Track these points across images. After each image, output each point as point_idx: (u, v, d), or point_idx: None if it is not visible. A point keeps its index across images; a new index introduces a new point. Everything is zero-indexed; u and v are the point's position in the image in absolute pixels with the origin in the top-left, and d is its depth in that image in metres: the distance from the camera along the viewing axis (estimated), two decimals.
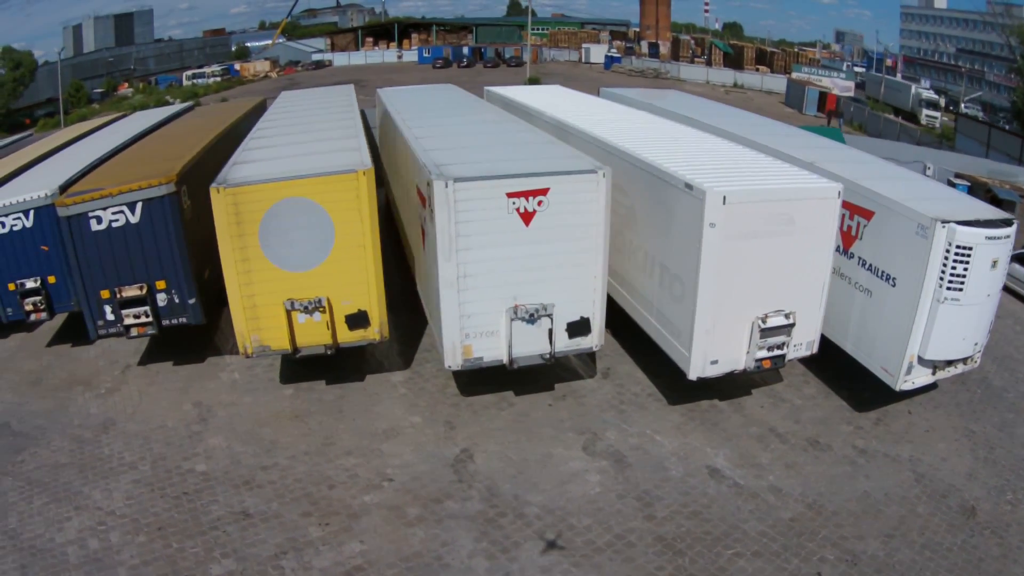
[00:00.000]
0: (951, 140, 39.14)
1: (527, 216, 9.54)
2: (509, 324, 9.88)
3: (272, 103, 17.47)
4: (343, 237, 10.13)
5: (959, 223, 9.29)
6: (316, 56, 76.42)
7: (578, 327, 10.10)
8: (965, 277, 9.39)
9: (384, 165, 17.18)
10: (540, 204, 9.50)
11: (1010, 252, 9.76)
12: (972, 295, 9.51)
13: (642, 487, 9.59)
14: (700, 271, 9.32)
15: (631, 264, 10.80)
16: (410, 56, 77.26)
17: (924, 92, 52.39)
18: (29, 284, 12.36)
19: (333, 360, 11.42)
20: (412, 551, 8.76)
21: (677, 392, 11.16)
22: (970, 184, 19.41)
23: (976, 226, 9.34)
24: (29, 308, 12.44)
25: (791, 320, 9.78)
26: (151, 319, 11.49)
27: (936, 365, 9.99)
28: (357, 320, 10.48)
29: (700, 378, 9.85)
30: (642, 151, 10.76)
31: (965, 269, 9.36)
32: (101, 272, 11.35)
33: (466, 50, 74.35)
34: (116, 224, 11.16)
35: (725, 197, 9.06)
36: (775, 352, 9.91)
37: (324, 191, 9.95)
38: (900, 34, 74.57)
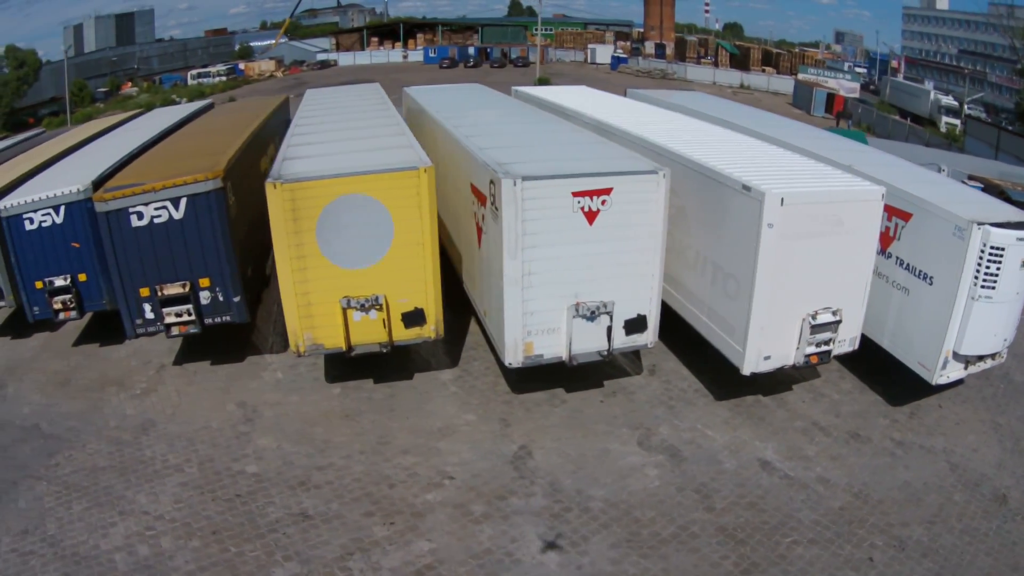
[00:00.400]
0: (958, 142, 38.84)
1: (591, 215, 9.72)
2: (570, 321, 10.03)
3: (300, 101, 17.22)
4: (402, 234, 10.11)
5: (993, 225, 9.84)
6: (321, 56, 75.69)
7: (635, 324, 10.32)
8: (998, 276, 9.91)
9: None
10: (603, 203, 9.70)
11: None
12: (1003, 293, 10.04)
13: (699, 480, 9.84)
14: (757, 270, 9.64)
15: (680, 262, 11.08)
16: (415, 56, 76.67)
17: (944, 99, 49.96)
18: (58, 282, 11.93)
19: (379, 359, 11.38)
20: (482, 548, 8.78)
21: (722, 388, 11.47)
22: (983, 186, 19.28)
23: (1008, 228, 9.88)
24: (58, 307, 12.00)
25: (838, 317, 10.19)
26: (193, 318, 11.23)
27: (968, 360, 10.52)
28: (413, 318, 10.47)
29: (753, 373, 10.18)
30: (692, 152, 11.04)
31: (998, 268, 9.88)
32: (141, 269, 11.05)
33: (472, 50, 74.02)
34: (158, 220, 10.90)
35: (783, 199, 9.41)
36: (822, 348, 10.30)
37: (385, 188, 9.92)
38: (902, 35, 73.11)
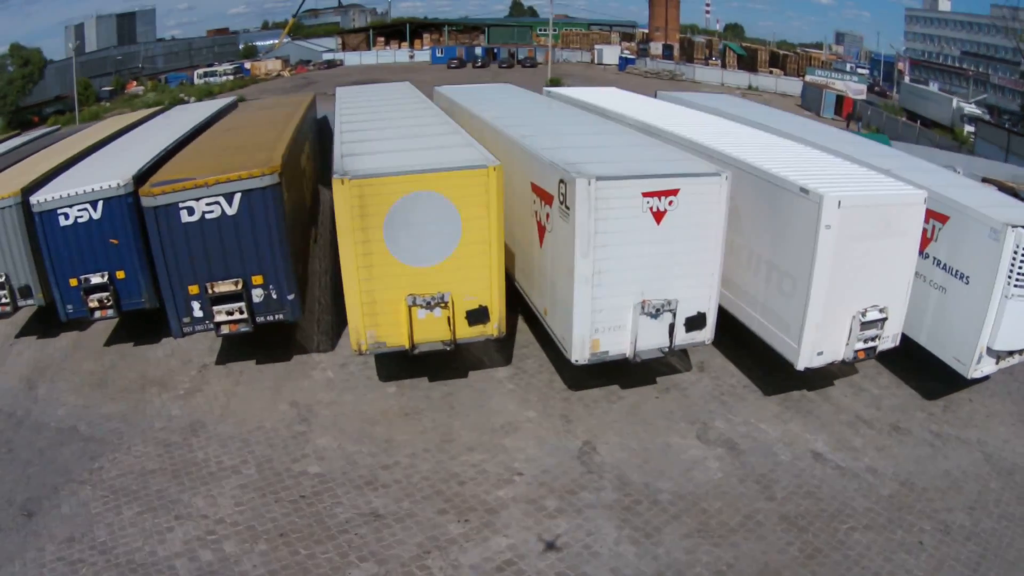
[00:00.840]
0: (968, 145, 38.85)
1: (658, 215, 9.95)
2: (636, 319, 10.24)
3: (335, 99, 16.99)
4: (469, 232, 10.15)
5: None
6: (327, 55, 75.06)
7: (695, 322, 10.59)
8: None
9: None
10: (671, 204, 9.94)
11: None
12: None
13: (758, 471, 10.17)
14: (814, 269, 10.02)
15: (732, 261, 11.40)
16: (422, 56, 75.94)
17: (967, 107, 48.15)
18: (95, 280, 11.51)
19: (432, 357, 11.37)
20: (560, 542, 8.89)
21: (768, 383, 11.86)
22: (997, 188, 19.39)
23: None
24: (94, 305, 11.59)
25: (884, 315, 10.68)
26: (245, 316, 10.99)
27: (999, 355, 11.16)
28: (477, 316, 10.51)
29: (807, 368, 10.58)
30: (746, 156, 11.39)
31: None
32: (190, 266, 10.78)
33: (479, 51, 73.67)
34: (210, 215, 10.64)
35: (840, 201, 9.83)
36: (869, 344, 10.77)
37: (454, 185, 9.96)
38: (905, 36, 72.71)
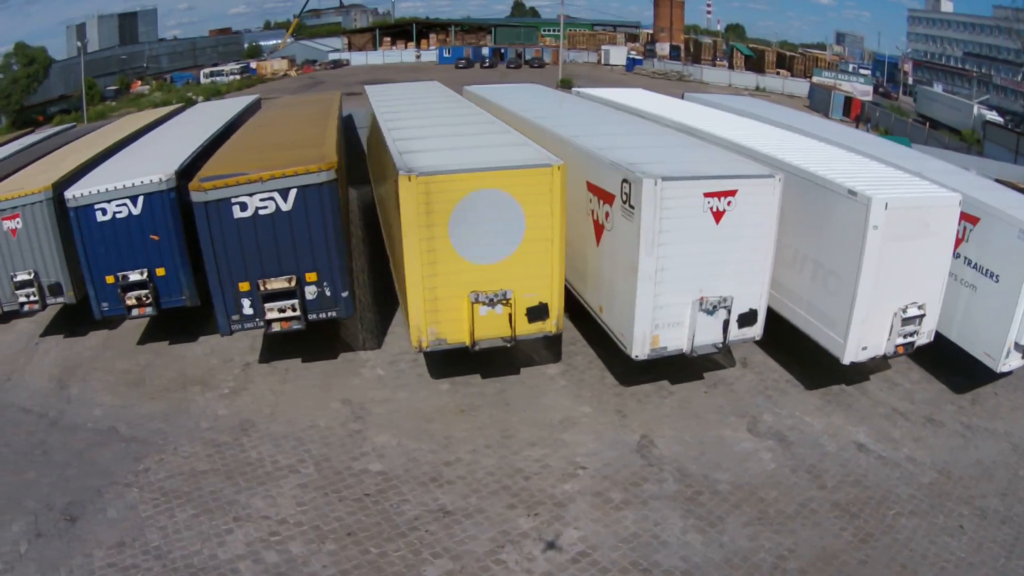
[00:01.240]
0: (978, 147, 39.02)
1: (718, 215, 10.21)
2: (694, 315, 10.47)
3: (368, 98, 16.78)
4: (532, 230, 10.22)
5: None
6: (333, 55, 74.34)
7: (747, 318, 10.89)
8: None
9: None
10: (729, 204, 10.21)
11: None
12: None
13: (808, 461, 10.51)
14: (862, 268, 10.43)
15: (777, 260, 11.72)
16: (428, 56, 75.28)
17: (988, 114, 46.93)
18: (134, 277, 11.16)
19: (480, 355, 11.34)
20: (629, 533, 9.07)
21: (809, 378, 12.24)
22: (1010, 189, 20.69)
23: None
24: (132, 303, 11.24)
25: (923, 311, 11.17)
26: (298, 313, 10.82)
27: None
28: (537, 313, 10.58)
29: (852, 362, 10.99)
30: (790, 158, 11.75)
31: None
32: (241, 262, 10.56)
33: (486, 51, 73.44)
34: (264, 211, 10.45)
35: (887, 203, 10.27)
36: (908, 339, 11.25)
37: (519, 184, 10.02)
38: (907, 37, 72.65)
